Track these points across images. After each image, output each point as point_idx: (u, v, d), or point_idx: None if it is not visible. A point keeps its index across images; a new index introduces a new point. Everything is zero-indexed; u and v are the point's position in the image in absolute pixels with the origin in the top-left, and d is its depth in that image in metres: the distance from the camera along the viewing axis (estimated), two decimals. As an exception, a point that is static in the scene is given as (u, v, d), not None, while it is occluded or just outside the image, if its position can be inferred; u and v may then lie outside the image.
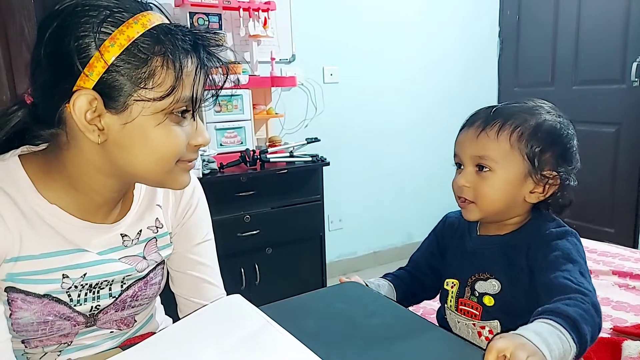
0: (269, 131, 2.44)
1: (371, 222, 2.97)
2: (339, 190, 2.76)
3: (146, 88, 0.60)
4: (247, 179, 2.03)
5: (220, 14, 2.16)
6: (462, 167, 0.81)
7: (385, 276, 0.94)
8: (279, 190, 2.14)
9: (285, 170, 2.13)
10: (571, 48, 2.79)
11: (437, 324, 0.85)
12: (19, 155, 0.68)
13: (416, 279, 0.92)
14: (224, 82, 0.68)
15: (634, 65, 2.45)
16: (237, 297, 0.68)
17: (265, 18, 2.23)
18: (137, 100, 0.60)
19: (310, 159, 2.21)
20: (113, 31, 0.59)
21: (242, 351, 0.56)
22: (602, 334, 1.00)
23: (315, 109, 2.65)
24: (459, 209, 0.84)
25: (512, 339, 0.54)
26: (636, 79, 2.47)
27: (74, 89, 0.59)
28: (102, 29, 0.59)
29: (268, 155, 2.12)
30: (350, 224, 2.89)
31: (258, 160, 2.09)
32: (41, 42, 0.61)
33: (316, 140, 2.34)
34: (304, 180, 2.21)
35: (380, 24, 2.80)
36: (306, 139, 2.34)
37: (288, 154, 2.22)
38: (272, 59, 2.33)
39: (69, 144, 0.64)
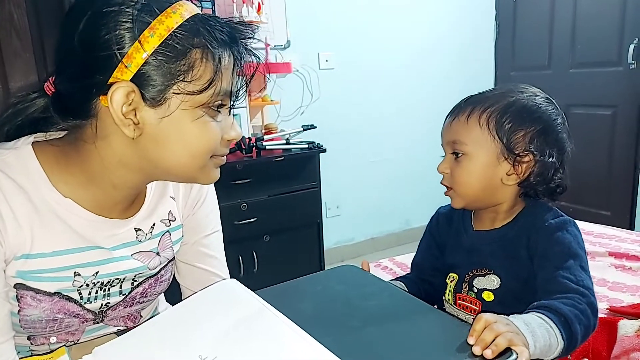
0: (265, 118, 2.42)
1: (369, 208, 2.97)
2: (336, 177, 2.75)
3: (185, 81, 0.58)
4: (243, 166, 2.02)
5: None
6: None
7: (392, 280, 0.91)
8: (276, 177, 2.13)
9: (282, 158, 2.12)
10: (568, 31, 2.77)
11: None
12: (32, 143, 0.65)
13: (424, 281, 0.89)
14: (253, 73, 0.67)
15: (631, 47, 2.44)
16: (233, 282, 0.67)
17: (259, 3, 2.21)
18: (176, 94, 0.58)
19: (306, 146, 2.20)
20: (151, 21, 0.56)
21: (237, 335, 0.56)
22: (599, 314, 1.00)
23: (311, 96, 2.63)
24: None
25: (499, 317, 0.56)
26: (633, 62, 2.45)
27: (110, 81, 0.57)
28: (141, 19, 0.56)
29: (264, 143, 2.11)
30: (348, 210, 2.90)
31: (254, 148, 2.08)
32: (73, 30, 0.58)
33: (312, 127, 2.32)
34: (300, 168, 2.20)
35: (376, 9, 2.77)
36: (302, 126, 2.33)
37: (284, 141, 2.21)
38: (267, 45, 2.31)
39: (95, 137, 0.61)
